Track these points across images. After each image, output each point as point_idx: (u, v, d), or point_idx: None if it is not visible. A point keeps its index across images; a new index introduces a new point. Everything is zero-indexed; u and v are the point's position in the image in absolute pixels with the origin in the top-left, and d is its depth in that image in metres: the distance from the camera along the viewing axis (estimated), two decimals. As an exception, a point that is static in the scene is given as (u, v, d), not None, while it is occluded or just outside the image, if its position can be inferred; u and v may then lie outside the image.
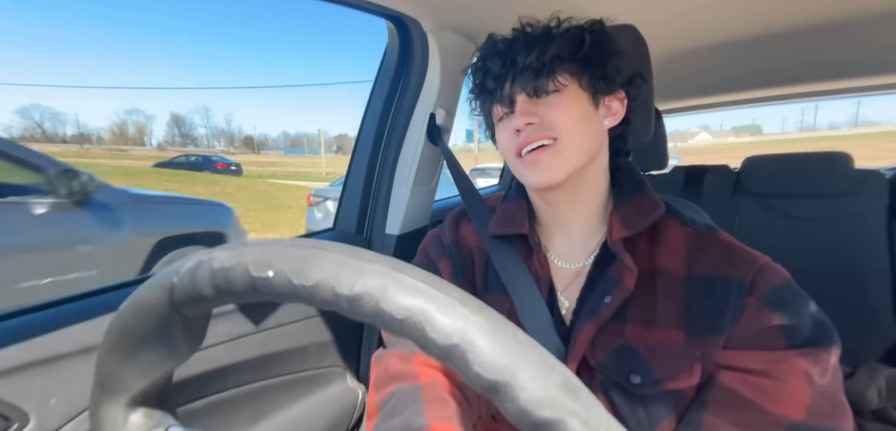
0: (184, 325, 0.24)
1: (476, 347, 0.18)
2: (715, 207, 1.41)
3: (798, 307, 0.44)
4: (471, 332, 0.18)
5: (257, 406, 0.79)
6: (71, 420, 0.55)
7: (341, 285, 0.19)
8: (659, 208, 0.52)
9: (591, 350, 0.50)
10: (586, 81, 0.52)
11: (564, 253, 0.57)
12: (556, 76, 0.50)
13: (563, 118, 0.50)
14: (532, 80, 0.50)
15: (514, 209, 0.59)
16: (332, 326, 0.91)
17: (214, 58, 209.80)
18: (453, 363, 0.18)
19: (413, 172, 0.98)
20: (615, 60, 0.53)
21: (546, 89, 0.50)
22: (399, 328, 0.18)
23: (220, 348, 0.71)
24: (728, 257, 0.48)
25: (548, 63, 0.50)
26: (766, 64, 1.24)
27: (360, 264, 0.19)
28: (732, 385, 0.44)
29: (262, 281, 0.20)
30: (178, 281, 0.22)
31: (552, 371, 0.18)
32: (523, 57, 0.51)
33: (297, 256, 0.20)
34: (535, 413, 0.17)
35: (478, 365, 0.17)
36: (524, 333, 0.19)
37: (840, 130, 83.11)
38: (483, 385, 0.18)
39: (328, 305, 0.19)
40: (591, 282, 0.53)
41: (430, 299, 0.18)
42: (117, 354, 0.24)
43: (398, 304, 0.18)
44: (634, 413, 0.48)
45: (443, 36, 0.89)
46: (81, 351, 0.57)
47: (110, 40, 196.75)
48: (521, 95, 0.52)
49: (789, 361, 0.42)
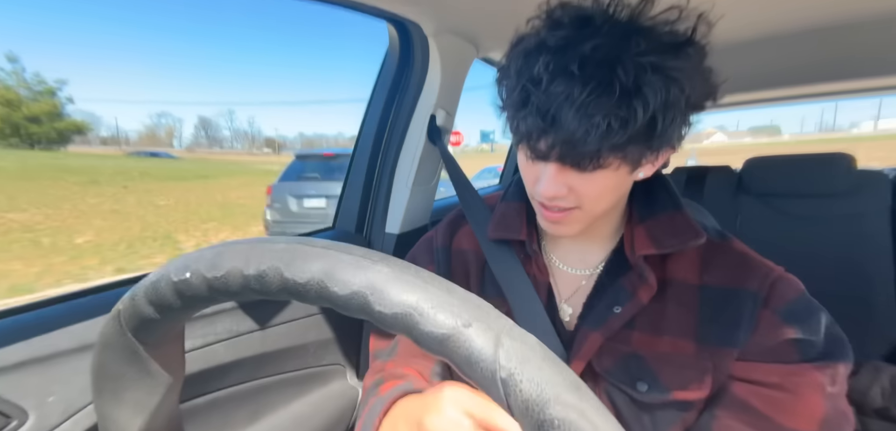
0: (152, 353, 0.24)
1: (376, 290, 0.19)
2: (717, 207, 1.40)
3: (813, 321, 0.43)
4: (371, 278, 0.19)
5: (257, 404, 0.79)
6: (70, 417, 0.55)
7: (248, 266, 0.20)
8: (699, 236, 0.47)
9: (597, 357, 0.49)
10: (634, 153, 0.41)
11: (573, 260, 0.55)
12: (602, 160, 0.41)
13: (592, 194, 0.44)
14: (575, 156, 0.41)
15: (513, 212, 0.57)
16: (331, 324, 0.91)
17: (232, 61, 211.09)
18: (357, 312, 0.19)
19: (413, 171, 0.98)
20: (684, 115, 0.42)
21: (585, 167, 0.42)
22: (304, 292, 0.19)
23: (219, 346, 0.71)
24: (742, 267, 0.47)
25: (603, 141, 0.39)
26: (782, 63, 1.23)
27: (267, 246, 0.21)
28: (746, 398, 0.44)
29: (182, 284, 0.21)
30: (122, 308, 0.23)
31: (452, 294, 0.19)
32: (573, 126, 0.38)
33: (212, 253, 0.21)
34: (436, 331, 0.18)
35: (379, 305, 0.18)
36: (428, 273, 0.20)
37: (860, 130, 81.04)
38: (388, 323, 0.19)
39: (238, 292, 0.21)
40: (599, 289, 0.52)
41: (332, 260, 0.19)
42: (105, 396, 0.25)
43: (301, 269, 0.19)
44: (640, 420, 0.47)
45: (443, 39, 0.89)
46: (80, 349, 0.56)
47: (135, 43, 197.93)
48: (556, 164, 0.43)
49: (804, 375, 0.42)
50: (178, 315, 0.23)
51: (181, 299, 0.21)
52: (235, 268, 0.20)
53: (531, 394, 0.17)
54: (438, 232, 0.66)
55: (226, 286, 0.20)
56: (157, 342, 0.24)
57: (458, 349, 0.18)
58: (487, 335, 0.18)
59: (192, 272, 0.21)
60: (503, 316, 0.19)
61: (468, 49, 0.96)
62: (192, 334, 0.67)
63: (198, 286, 0.21)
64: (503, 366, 0.17)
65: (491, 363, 0.17)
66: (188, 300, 0.21)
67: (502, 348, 0.18)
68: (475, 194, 0.73)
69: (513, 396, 0.17)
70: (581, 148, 0.39)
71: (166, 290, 0.21)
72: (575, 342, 0.50)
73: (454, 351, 0.18)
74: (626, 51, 0.38)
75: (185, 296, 0.21)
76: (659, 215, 0.50)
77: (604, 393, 0.49)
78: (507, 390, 0.17)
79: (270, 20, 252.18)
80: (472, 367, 0.18)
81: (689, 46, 0.40)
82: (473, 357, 0.18)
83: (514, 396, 0.17)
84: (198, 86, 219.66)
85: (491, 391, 0.18)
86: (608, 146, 0.39)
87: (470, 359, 0.18)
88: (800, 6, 0.83)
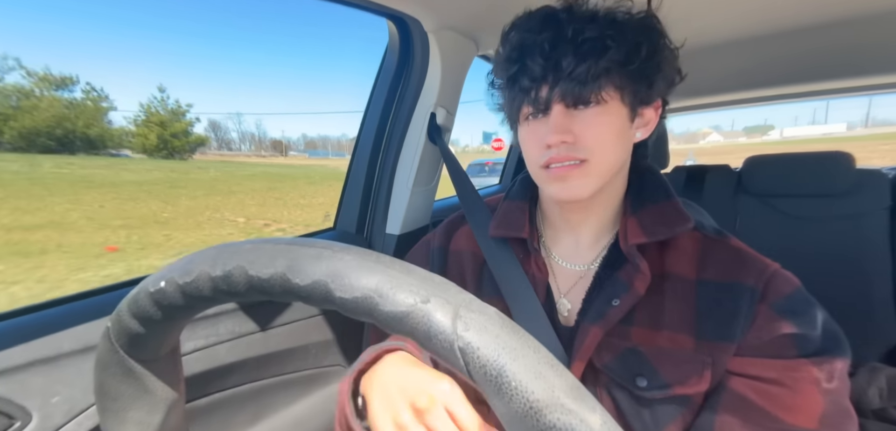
0: (148, 370, 0.25)
1: (337, 277, 0.19)
2: (716, 206, 1.40)
3: (809, 316, 0.44)
4: (332, 266, 0.19)
5: (259, 405, 0.80)
6: (73, 418, 0.55)
7: (215, 269, 0.20)
8: (687, 221, 0.49)
9: (597, 352, 0.49)
10: (629, 93, 0.47)
11: (570, 255, 0.56)
12: (603, 90, 0.45)
13: (598, 138, 0.47)
14: (576, 90, 0.45)
15: (515, 210, 0.58)
16: (333, 325, 0.91)
17: (235, 61, 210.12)
18: (319, 302, 0.19)
19: (413, 171, 0.98)
20: (665, 67, 0.49)
21: (588, 101, 0.46)
22: (268, 288, 0.20)
23: (221, 347, 0.71)
24: (738, 262, 0.48)
25: (599, 74, 0.44)
26: (775, 62, 1.23)
27: (233, 248, 0.21)
28: (744, 393, 0.44)
29: (158, 293, 0.22)
30: (110, 324, 0.23)
31: (411, 274, 0.19)
32: (570, 62, 0.44)
33: (184, 260, 0.22)
34: (395, 311, 0.18)
35: (341, 291, 0.19)
36: (389, 257, 0.20)
37: (854, 131, 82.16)
38: (349, 308, 0.19)
39: (208, 296, 0.21)
40: (597, 284, 0.52)
41: (293, 255, 0.20)
42: (108, 416, 0.25)
43: (265, 266, 0.20)
44: (640, 416, 0.48)
45: (444, 35, 0.89)
46: (83, 350, 0.57)
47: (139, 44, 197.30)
48: (559, 105, 0.47)
49: (801, 370, 0.42)
50: (163, 327, 0.23)
51: (160, 309, 0.22)
52: (204, 272, 0.20)
53: (488, 358, 0.17)
54: (436, 234, 0.67)
55: (198, 290, 0.21)
56: (150, 358, 0.25)
57: (419, 326, 0.18)
58: (446, 309, 0.18)
59: (166, 280, 0.21)
60: (463, 292, 0.20)
61: (468, 46, 0.96)
62: (195, 335, 0.67)
63: (173, 295, 0.21)
64: (461, 336, 0.18)
65: (449, 335, 0.18)
66: (167, 310, 0.22)
67: (460, 320, 0.18)
68: (475, 193, 0.73)
69: (472, 363, 0.17)
70: (581, 77, 0.44)
71: (145, 302, 0.22)
72: (576, 338, 0.50)
73: (415, 327, 0.18)
74: (600, 10, 0.47)
75: (162, 306, 0.22)
76: (649, 206, 0.52)
77: (604, 389, 0.49)
78: (466, 358, 0.18)
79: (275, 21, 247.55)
80: (432, 340, 0.18)
81: (650, 20, 0.48)
82: (433, 331, 0.18)
83: (473, 363, 0.17)
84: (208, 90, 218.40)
85: (451, 360, 0.18)
86: (604, 67, 0.44)
87: (429, 333, 0.18)
88: (790, 6, 0.83)
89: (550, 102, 0.47)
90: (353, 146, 1.05)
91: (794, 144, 40.75)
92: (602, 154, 0.47)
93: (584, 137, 0.46)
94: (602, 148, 0.47)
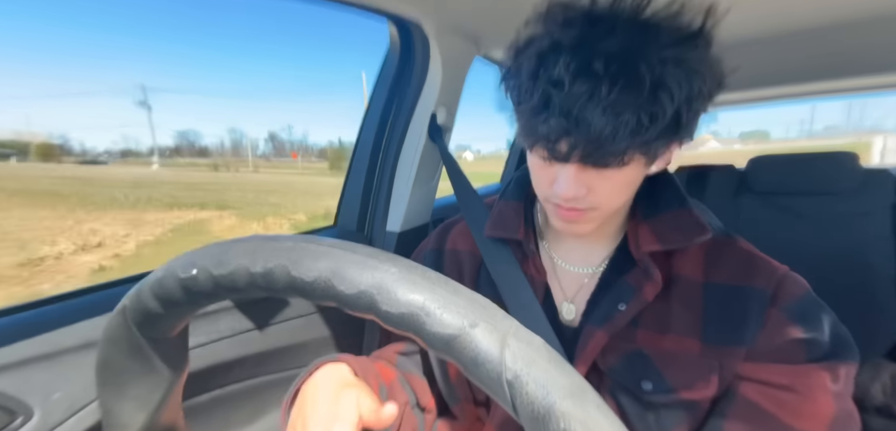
0: (156, 349, 0.24)
1: (383, 290, 0.19)
2: (719, 206, 1.40)
3: (819, 320, 0.43)
4: (379, 278, 0.19)
5: (259, 402, 0.80)
6: (74, 414, 0.55)
7: (255, 265, 0.20)
8: (705, 232, 0.47)
9: (602, 355, 0.49)
10: (655, 149, 0.41)
11: (575, 258, 0.55)
12: (626, 155, 0.40)
13: (611, 193, 0.44)
14: (597, 154, 0.39)
15: (510, 211, 0.57)
16: (333, 322, 0.91)
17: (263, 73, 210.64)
18: (364, 311, 0.19)
19: (414, 169, 0.98)
20: (700, 112, 0.42)
21: (610, 166, 0.41)
22: (311, 290, 0.19)
23: (222, 343, 0.71)
24: (747, 266, 0.47)
25: (625, 148, 0.39)
26: (769, 64, 1.23)
27: (273, 244, 0.21)
28: (754, 398, 0.44)
29: (189, 281, 0.21)
30: (128, 303, 0.23)
31: (458, 294, 0.19)
32: (599, 125, 0.37)
33: (218, 250, 0.21)
34: (442, 332, 0.18)
35: (386, 305, 0.18)
36: (435, 273, 0.20)
37: (845, 138, 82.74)
38: (394, 321, 0.19)
39: (245, 289, 0.21)
40: (603, 286, 0.51)
41: (338, 260, 0.19)
42: (109, 390, 0.25)
43: (308, 268, 0.19)
44: (644, 420, 0.47)
45: (444, 37, 0.89)
46: (85, 346, 0.57)
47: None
48: (576, 164, 0.42)
49: (812, 375, 0.42)
50: (183, 311, 0.23)
51: (187, 295, 0.21)
52: (242, 265, 0.20)
53: (537, 397, 0.17)
54: (432, 236, 0.66)
55: (232, 283, 0.20)
56: (161, 338, 0.24)
57: (465, 350, 0.18)
58: (493, 336, 0.18)
59: (199, 268, 0.21)
60: (509, 317, 0.19)
61: (469, 47, 0.97)
62: (195, 331, 0.67)
63: (204, 283, 0.21)
64: (509, 368, 0.17)
65: (497, 365, 0.17)
66: (194, 297, 0.21)
67: (508, 349, 0.17)
68: (473, 193, 0.73)
69: (518, 398, 0.17)
70: (608, 147, 0.38)
71: (172, 286, 0.21)
72: (579, 341, 0.49)
73: (461, 352, 0.18)
74: (648, 46, 0.37)
75: (191, 292, 0.21)
76: (664, 212, 0.50)
77: (608, 392, 0.49)
78: (513, 392, 0.17)
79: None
80: (479, 368, 0.18)
81: (700, 37, 0.40)
82: (480, 358, 0.17)
83: (520, 398, 0.17)
84: (265, 103, 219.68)
85: (497, 392, 0.17)
86: (637, 144, 0.38)
87: (476, 360, 0.18)
88: (794, 5, 0.83)
89: (568, 158, 0.41)
90: (355, 144, 1.06)
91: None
92: (610, 205, 0.45)
93: (596, 192, 0.43)
94: (611, 201, 0.45)
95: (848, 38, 1.00)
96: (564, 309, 0.54)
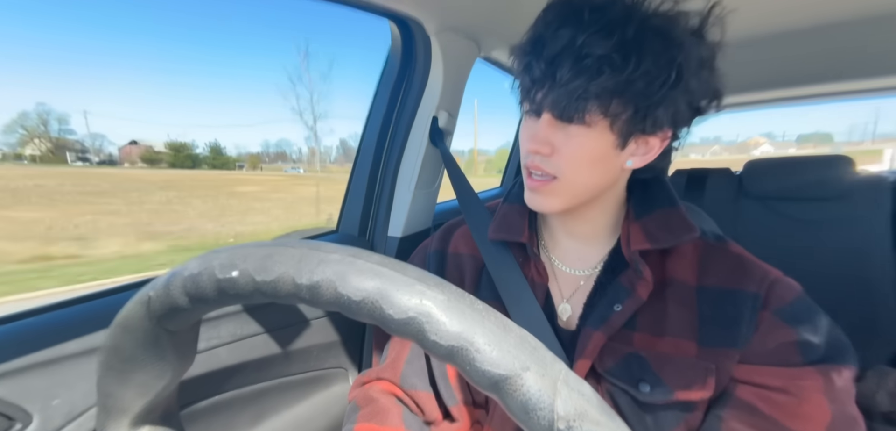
0: (171, 340, 0.24)
1: (432, 318, 0.18)
2: (717, 210, 1.40)
3: (813, 323, 0.44)
4: (427, 305, 0.18)
5: (260, 407, 0.79)
6: (73, 420, 0.55)
7: (301, 275, 0.19)
8: (692, 231, 0.49)
9: (600, 357, 0.49)
10: (623, 122, 0.43)
11: (572, 260, 0.56)
12: (587, 112, 0.42)
13: (572, 159, 0.45)
14: (563, 103, 0.43)
15: (515, 214, 0.57)
16: (334, 327, 0.91)
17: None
18: (412, 336, 0.18)
19: (416, 174, 0.98)
20: (681, 102, 0.43)
21: (570, 119, 0.44)
22: (358, 309, 0.19)
23: (223, 349, 0.71)
24: (739, 269, 0.48)
25: (586, 98, 0.41)
26: (790, 61, 1.22)
27: (320, 255, 0.20)
28: (751, 401, 0.44)
29: (227, 282, 0.20)
30: (154, 294, 0.22)
31: (509, 333, 0.18)
32: (565, 75, 0.41)
33: (260, 253, 0.20)
34: (492, 371, 0.17)
35: (434, 335, 0.18)
36: (482, 303, 0.19)
37: None
38: (442, 353, 0.18)
39: (289, 297, 0.20)
40: (599, 289, 0.52)
41: (386, 279, 0.19)
42: (112, 374, 0.24)
43: (356, 287, 0.19)
44: (642, 421, 0.47)
45: (446, 37, 0.89)
46: (84, 353, 0.57)
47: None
48: (548, 114, 0.45)
49: (807, 378, 0.42)
50: (211, 308, 0.22)
51: (221, 295, 0.21)
52: (287, 274, 0.19)
53: None
54: (434, 238, 0.66)
55: (274, 290, 0.20)
56: (177, 329, 0.24)
57: (515, 394, 0.17)
58: (545, 382, 0.17)
59: (240, 271, 0.20)
60: (557, 360, 0.19)
61: (470, 48, 0.96)
62: None
63: (243, 286, 0.20)
64: (561, 417, 0.17)
65: (548, 413, 0.17)
66: (227, 297, 0.21)
67: (560, 397, 0.17)
68: (475, 197, 0.73)
69: None
70: (569, 88, 0.41)
71: (208, 285, 0.20)
72: (578, 343, 0.50)
73: (509, 395, 0.17)
74: (637, 11, 0.41)
75: (226, 293, 0.20)
76: (654, 212, 0.51)
77: (606, 394, 0.49)
78: None
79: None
80: (528, 414, 0.17)
81: (699, 34, 0.42)
82: (531, 405, 0.17)
83: None
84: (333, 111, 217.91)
85: None
86: (594, 91, 0.41)
87: (527, 406, 0.17)
88: (806, 3, 0.82)
89: (541, 109, 0.46)
90: (357, 148, 1.05)
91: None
92: (573, 176, 0.46)
93: (559, 154, 0.46)
94: (574, 170, 0.46)
95: (864, 36, 0.99)
96: (561, 310, 0.54)
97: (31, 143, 46.56)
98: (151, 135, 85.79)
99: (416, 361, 0.59)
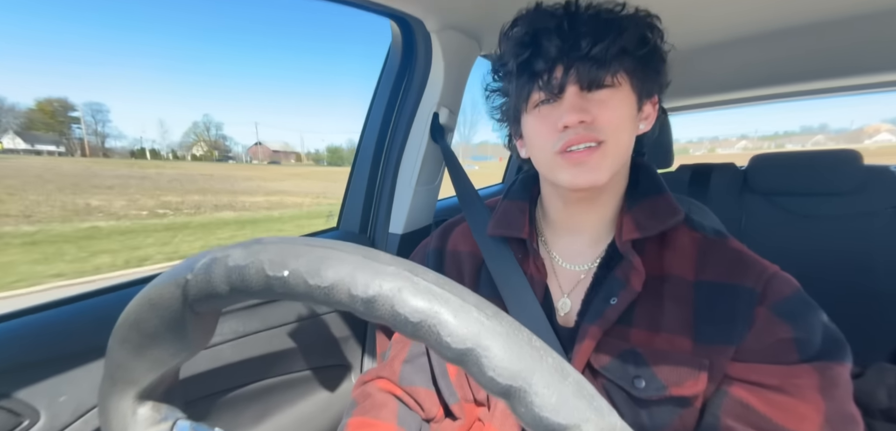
0: (195, 321, 0.23)
1: (490, 352, 0.17)
2: (721, 205, 1.39)
3: (809, 319, 0.43)
4: (485, 337, 0.18)
5: (264, 403, 0.80)
6: (80, 416, 0.56)
7: (356, 286, 0.19)
8: (677, 214, 0.50)
9: (596, 354, 0.49)
10: (638, 80, 0.48)
11: (571, 255, 0.56)
12: (617, 74, 0.46)
13: (614, 120, 0.46)
14: (592, 71, 0.45)
15: (515, 210, 0.58)
16: (337, 325, 0.92)
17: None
18: (467, 368, 0.18)
19: (416, 170, 0.98)
20: (663, 62, 0.51)
21: (602, 83, 0.46)
22: (414, 331, 0.18)
23: (227, 346, 0.71)
24: (737, 264, 0.47)
25: (615, 56, 0.45)
26: (782, 59, 1.22)
27: (377, 266, 0.19)
28: (747, 399, 0.44)
29: (277, 281, 0.20)
30: (192, 278, 0.21)
31: (566, 378, 0.18)
32: (588, 42, 0.45)
33: (314, 256, 0.20)
34: (551, 419, 0.17)
35: (492, 370, 0.17)
36: (539, 339, 0.19)
37: None
38: (497, 390, 0.18)
39: (343, 306, 0.19)
40: (596, 284, 0.52)
41: (444, 303, 0.18)
42: (127, 347, 0.24)
43: (413, 307, 0.18)
44: (638, 418, 0.47)
45: (446, 35, 0.89)
46: (91, 350, 0.57)
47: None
48: (573, 87, 0.46)
49: (803, 376, 0.42)
50: (247, 298, 0.21)
51: (266, 289, 0.20)
52: (343, 283, 0.19)
53: None
54: (433, 237, 0.67)
55: (327, 297, 0.19)
56: (206, 313, 0.24)
57: (522, 402, 0.17)
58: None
59: (291, 271, 0.19)
60: (613, 411, 0.18)
61: (471, 46, 0.96)
62: None
63: (293, 286, 0.19)
64: None
65: None
66: (272, 293, 0.20)
67: None
68: (475, 193, 0.73)
69: None
70: (599, 57, 0.45)
71: (255, 279, 0.20)
72: (575, 339, 0.50)
73: (517, 405, 0.17)
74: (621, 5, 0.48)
75: (272, 289, 0.20)
76: (643, 201, 0.52)
77: (602, 390, 0.49)
78: None
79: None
80: None
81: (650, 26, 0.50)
82: None
83: None
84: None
85: None
86: (622, 49, 0.45)
87: None
88: (796, 3, 0.82)
89: (565, 84, 0.46)
90: (357, 145, 1.05)
91: None
92: (618, 136, 0.47)
93: (600, 119, 0.46)
94: (618, 131, 0.47)
95: (853, 33, 0.98)
96: (560, 306, 0.54)
97: (198, 144, 66.60)
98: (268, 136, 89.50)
99: (416, 359, 0.59)
